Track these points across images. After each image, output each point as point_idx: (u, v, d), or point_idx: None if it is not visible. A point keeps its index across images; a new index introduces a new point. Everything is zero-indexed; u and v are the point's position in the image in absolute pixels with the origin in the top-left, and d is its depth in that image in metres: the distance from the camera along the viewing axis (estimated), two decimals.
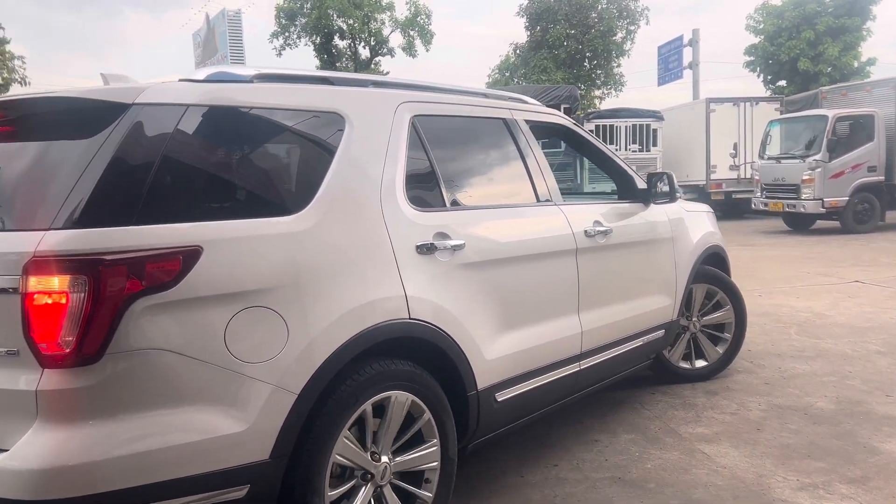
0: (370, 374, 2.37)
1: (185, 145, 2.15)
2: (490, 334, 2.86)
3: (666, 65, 30.85)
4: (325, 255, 2.30)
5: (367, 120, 2.64)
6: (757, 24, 30.70)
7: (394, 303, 2.47)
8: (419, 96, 2.97)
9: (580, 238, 3.42)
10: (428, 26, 28.57)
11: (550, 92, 16.95)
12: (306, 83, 2.61)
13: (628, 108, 19.18)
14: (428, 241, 2.64)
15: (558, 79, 28.76)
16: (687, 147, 19.60)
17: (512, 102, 3.58)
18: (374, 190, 2.54)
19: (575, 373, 3.40)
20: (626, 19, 31.31)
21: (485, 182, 3.39)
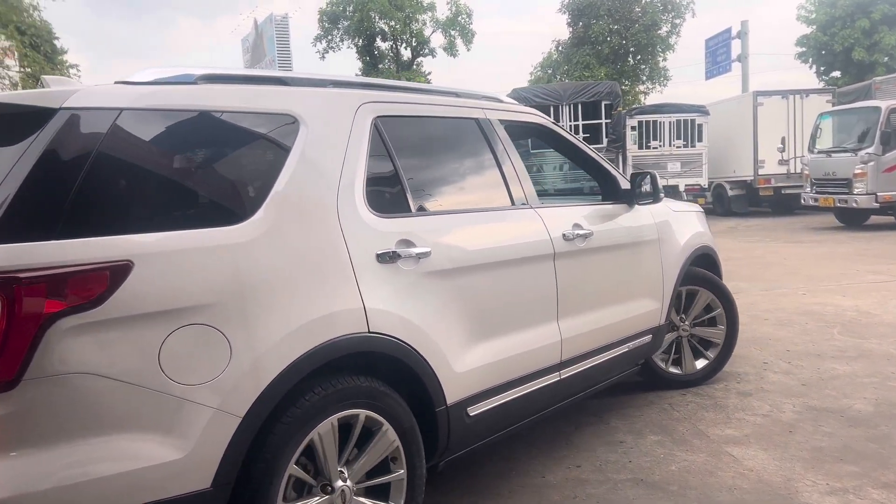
0: (326, 392, 2.24)
1: (117, 152, 2.00)
2: (460, 346, 2.73)
3: (714, 58, 30.18)
4: (273, 267, 2.16)
5: (324, 122, 2.52)
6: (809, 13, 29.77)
7: (351, 316, 2.33)
8: (383, 96, 2.84)
9: (558, 242, 3.27)
10: (469, 26, 28.58)
11: (591, 88, 16.79)
12: (258, 84, 2.49)
13: (672, 103, 18.84)
14: (390, 248, 2.50)
15: (601, 75, 28.41)
16: (734, 142, 19.15)
17: (486, 102, 3.44)
18: (330, 196, 2.41)
19: (555, 383, 3.25)
20: (671, 13, 30.72)
21: (455, 186, 3.24)
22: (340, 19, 28.20)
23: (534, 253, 3.15)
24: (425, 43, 29.04)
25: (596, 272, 3.58)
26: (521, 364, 3.03)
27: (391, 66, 29.52)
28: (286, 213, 2.25)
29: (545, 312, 3.21)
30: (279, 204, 2.24)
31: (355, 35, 28.16)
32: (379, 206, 2.57)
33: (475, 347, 2.80)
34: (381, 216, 2.55)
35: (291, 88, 2.54)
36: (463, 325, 2.75)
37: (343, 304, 2.31)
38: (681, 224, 4.36)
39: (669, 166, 18.13)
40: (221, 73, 2.42)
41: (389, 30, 28.02)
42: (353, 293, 2.36)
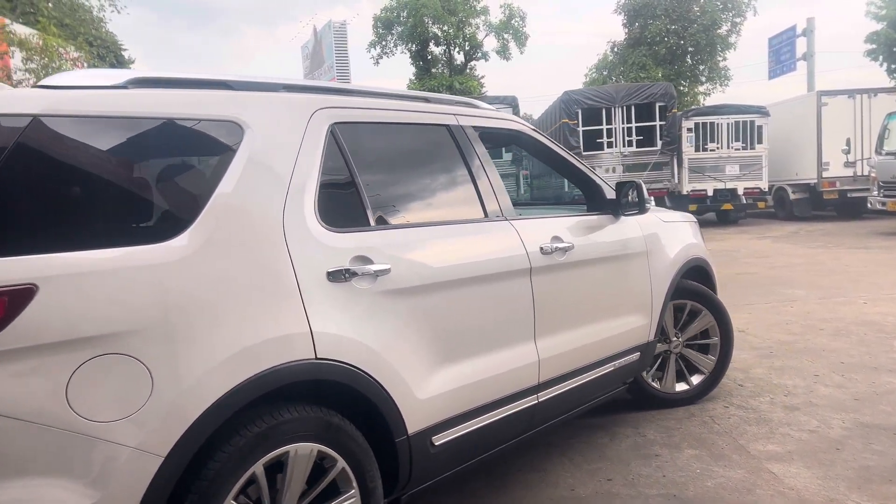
0: (266, 425, 2.06)
1: (26, 163, 1.82)
2: (424, 370, 2.55)
3: (777, 57, 29.20)
4: (205, 289, 1.97)
5: (273, 129, 2.33)
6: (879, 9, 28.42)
7: (295, 341, 2.13)
8: (341, 101, 2.65)
9: (535, 256, 3.07)
10: (522, 29, 28.47)
11: (645, 90, 16.45)
12: (199, 88, 2.27)
13: (730, 104, 18.28)
14: (343, 266, 2.32)
15: (658, 76, 27.85)
16: (796, 144, 18.47)
17: (458, 108, 3.22)
18: (275, 210, 2.22)
19: (532, 406, 3.05)
20: (732, 11, 29.89)
21: (421, 197, 3.01)
22: (395, 25, 28.50)
23: (508, 268, 2.95)
24: (478, 47, 29.05)
25: (578, 287, 3.39)
26: (493, 388, 2.84)
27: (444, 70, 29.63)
28: (223, 230, 2.06)
29: (521, 331, 3.02)
30: (215, 219, 2.06)
31: (409, 40, 28.40)
32: (333, 220, 2.39)
33: (441, 371, 2.61)
34: (336, 231, 2.37)
35: (237, 93, 2.33)
36: (427, 347, 2.57)
37: (286, 328, 2.12)
38: (671, 235, 4.16)
39: (727, 169, 17.61)
40: (156, 76, 2.23)
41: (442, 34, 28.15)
42: (299, 316, 2.16)
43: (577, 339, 3.32)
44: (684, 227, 4.42)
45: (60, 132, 1.91)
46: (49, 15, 15.73)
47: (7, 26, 15.41)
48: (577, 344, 3.33)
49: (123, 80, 2.10)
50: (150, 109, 2.08)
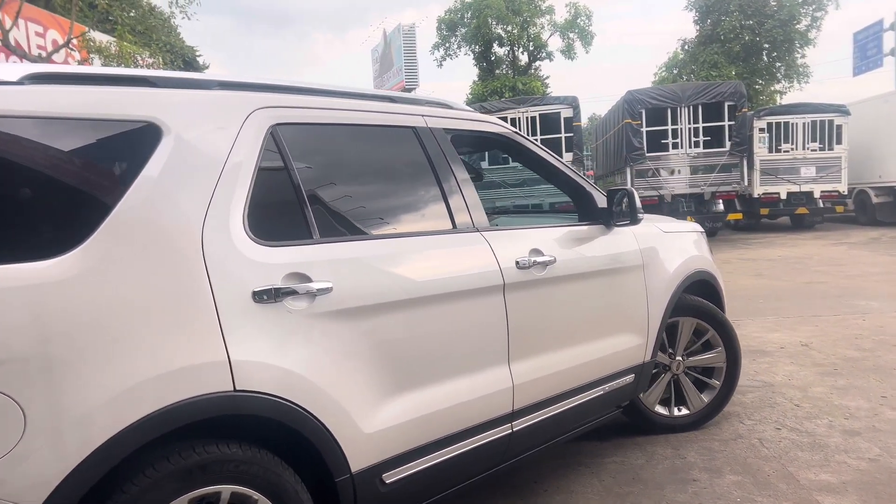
0: (171, 468, 1.82)
1: None
2: (372, 400, 2.29)
3: (863, 52, 27.59)
4: (97, 313, 1.73)
5: (198, 131, 2.09)
6: None
7: (208, 371, 1.89)
8: (286, 101, 2.40)
9: (510, 271, 2.79)
10: (588, 28, 27.93)
11: (713, 88, 15.79)
12: (113, 85, 2.01)
13: (806, 102, 17.36)
14: (273, 284, 2.06)
15: (730, 74, 26.79)
16: (881, 144, 17.40)
17: (429, 108, 2.94)
18: (192, 222, 1.97)
19: (506, 436, 2.78)
20: (812, 5, 28.45)
21: (378, 207, 2.72)
22: (458, 27, 28.46)
23: (476, 285, 2.67)
24: (542, 47, 28.69)
25: (561, 305, 3.09)
26: (457, 418, 2.58)
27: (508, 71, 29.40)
28: (125, 246, 1.83)
29: (492, 354, 2.74)
30: (116, 234, 1.82)
31: (472, 42, 28.31)
32: (268, 233, 2.14)
33: (395, 401, 2.36)
34: (268, 244, 2.12)
35: (157, 91, 2.08)
36: (377, 374, 2.31)
37: (197, 357, 1.88)
38: (672, 248, 3.84)
39: (803, 171, 16.73)
40: (61, 71, 1.98)
41: (506, 35, 27.94)
42: (215, 342, 1.91)
43: (559, 362, 3.05)
44: (687, 238, 4.10)
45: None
46: (123, 22, 16.39)
47: (86, 34, 16.15)
48: (560, 367, 3.04)
49: (19, 75, 1.85)
50: (49, 109, 1.84)
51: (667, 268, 3.72)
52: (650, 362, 3.63)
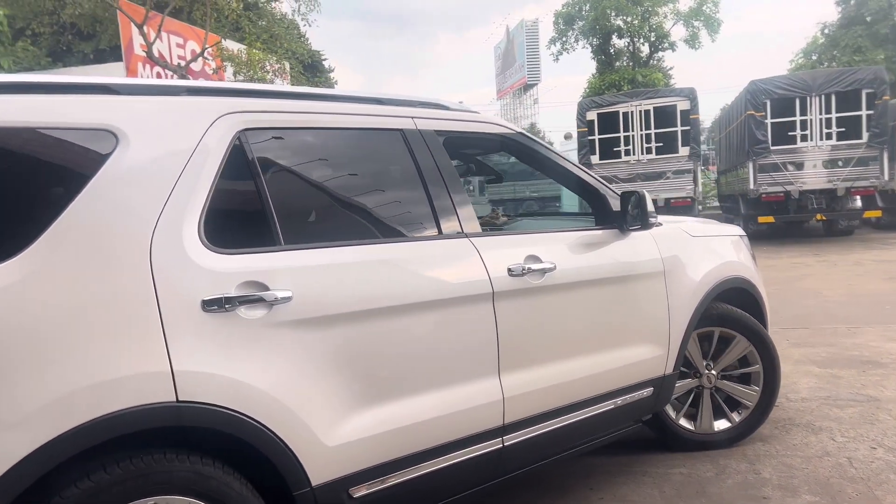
0: (107, 479, 1.80)
1: None
2: (336, 413, 2.22)
3: None
4: (25, 322, 1.74)
5: (156, 137, 2.09)
6: None
7: (148, 381, 1.87)
8: (258, 105, 2.36)
9: (500, 279, 2.66)
10: (715, 14, 26.50)
11: (848, 76, 14.51)
12: (71, 93, 2.03)
13: None
14: (225, 293, 2.02)
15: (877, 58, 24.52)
16: None
17: (419, 110, 2.84)
18: (142, 229, 1.96)
19: (496, 451, 2.66)
20: None
21: (354, 212, 2.64)
22: (576, 20, 27.92)
23: (459, 293, 2.56)
24: (665, 37, 27.56)
25: (562, 314, 2.94)
26: (437, 430, 2.48)
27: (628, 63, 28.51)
28: (68, 251, 1.84)
29: (479, 365, 2.63)
30: (60, 239, 1.84)
31: (590, 34, 27.68)
32: (226, 240, 2.11)
33: (363, 413, 2.29)
34: (225, 252, 2.09)
35: (116, 98, 2.09)
36: (342, 385, 2.25)
37: (137, 366, 1.86)
38: (700, 253, 3.57)
39: None
40: (19, 80, 2.01)
41: (626, 26, 27.09)
42: (157, 352, 1.90)
43: (560, 374, 2.90)
44: (721, 242, 3.82)
45: None
46: (250, 31, 17.48)
47: (220, 43, 17.37)
48: (561, 379, 2.90)
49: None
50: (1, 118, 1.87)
51: (693, 275, 3.47)
52: (672, 375, 3.41)
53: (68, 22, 16.55)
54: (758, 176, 14.57)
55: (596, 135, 15.14)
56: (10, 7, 16.18)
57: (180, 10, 17.46)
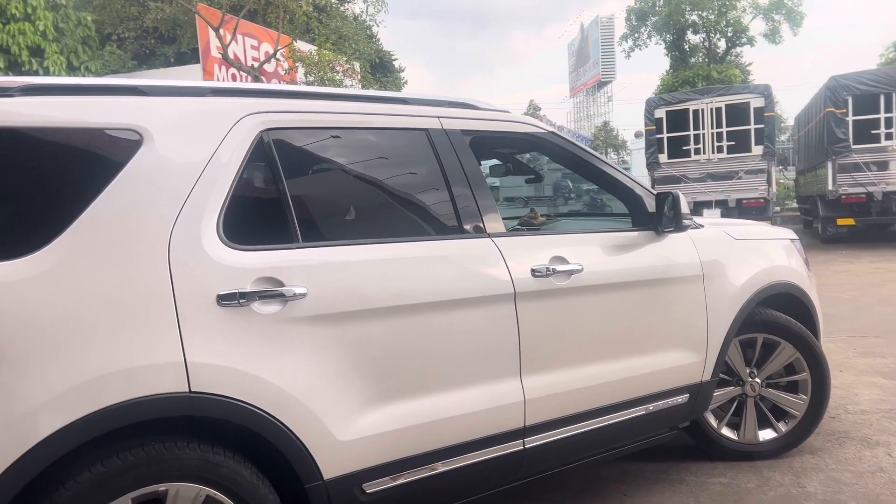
0: (122, 464, 1.89)
1: None
2: (350, 408, 2.26)
3: None
4: (49, 311, 1.84)
5: (180, 136, 2.17)
6: None
7: (161, 372, 1.95)
8: (282, 105, 2.42)
9: (523, 280, 2.64)
10: (797, 7, 25.33)
11: None
12: (102, 95, 2.14)
13: None
14: (241, 288, 2.08)
15: None
16: None
17: (446, 109, 2.83)
18: (161, 227, 2.04)
19: (518, 452, 2.65)
20: None
21: (375, 211, 2.67)
22: (648, 16, 27.26)
23: (478, 293, 2.55)
24: (743, 31, 26.54)
25: (588, 316, 2.89)
26: (455, 430, 2.49)
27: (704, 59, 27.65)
28: (90, 246, 1.93)
29: (499, 366, 2.62)
30: (83, 234, 1.93)
31: (663, 31, 26.96)
32: (244, 237, 2.18)
33: (377, 409, 2.32)
34: (243, 248, 2.15)
35: (143, 100, 2.18)
36: (357, 382, 2.28)
37: (152, 357, 1.94)
38: (744, 256, 3.43)
39: None
40: (53, 83, 2.12)
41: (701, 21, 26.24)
42: (172, 343, 1.97)
43: (586, 377, 2.86)
44: (769, 245, 3.66)
45: None
46: (319, 32, 17.88)
47: (291, 45, 17.84)
48: (587, 382, 2.86)
49: (13, 87, 1.99)
50: (37, 119, 1.98)
51: (734, 279, 3.34)
52: (710, 382, 3.29)
53: (150, 27, 17.33)
54: (837, 176, 13.86)
55: (664, 133, 14.73)
56: (98, 13, 17.12)
57: (255, 13, 18.02)
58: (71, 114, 2.05)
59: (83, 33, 15.15)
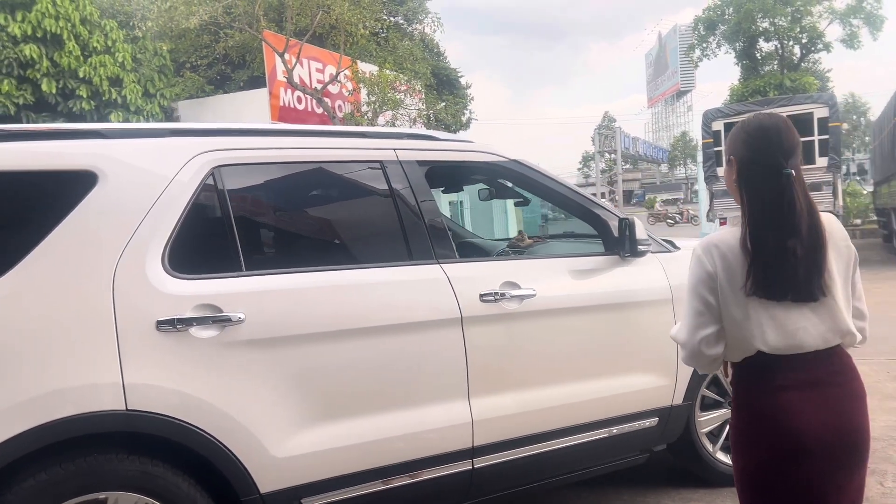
0: (63, 473, 2.09)
1: None
2: (288, 427, 2.41)
3: None
4: (1, 335, 2.08)
5: (133, 175, 2.36)
6: None
7: (99, 391, 2.15)
8: (234, 143, 2.59)
9: (470, 305, 2.76)
10: (878, 11, 24.07)
11: None
12: (64, 139, 2.40)
13: None
14: (179, 314, 2.28)
15: None
16: None
17: (404, 142, 2.98)
18: (108, 257, 2.25)
19: (466, 472, 2.75)
20: None
21: (322, 240, 2.83)
22: (717, 25, 26.51)
23: (423, 318, 2.69)
24: (819, 37, 25.41)
25: (542, 341, 2.97)
26: (398, 449, 2.63)
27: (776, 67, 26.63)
28: (41, 276, 2.16)
29: (446, 388, 2.73)
30: (35, 266, 2.15)
31: (733, 39, 26.15)
32: (188, 267, 2.37)
33: (316, 428, 2.48)
34: (185, 277, 2.35)
35: (100, 142, 2.41)
36: (295, 402, 2.44)
37: (92, 378, 2.15)
38: None
39: None
40: (17, 128, 2.38)
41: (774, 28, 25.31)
42: (111, 365, 2.18)
43: (539, 400, 2.94)
44: None
45: None
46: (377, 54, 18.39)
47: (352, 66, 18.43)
48: (542, 404, 2.95)
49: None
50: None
51: None
52: (683, 406, 3.29)
53: (221, 53, 18.28)
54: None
55: (723, 146, 14.33)
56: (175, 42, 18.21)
57: (320, 37, 18.72)
58: (34, 158, 2.32)
59: (159, 62, 16.14)
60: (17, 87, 13.09)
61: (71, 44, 13.30)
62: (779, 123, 1.83)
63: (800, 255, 1.71)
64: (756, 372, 1.78)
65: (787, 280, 1.71)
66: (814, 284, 1.73)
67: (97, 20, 14.22)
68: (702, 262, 1.81)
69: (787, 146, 1.79)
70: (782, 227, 1.73)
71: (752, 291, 1.72)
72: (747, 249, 1.74)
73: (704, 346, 1.82)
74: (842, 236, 1.87)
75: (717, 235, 1.86)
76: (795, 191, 1.75)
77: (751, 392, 1.80)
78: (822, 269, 1.73)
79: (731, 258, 1.77)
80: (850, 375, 1.79)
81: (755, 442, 1.77)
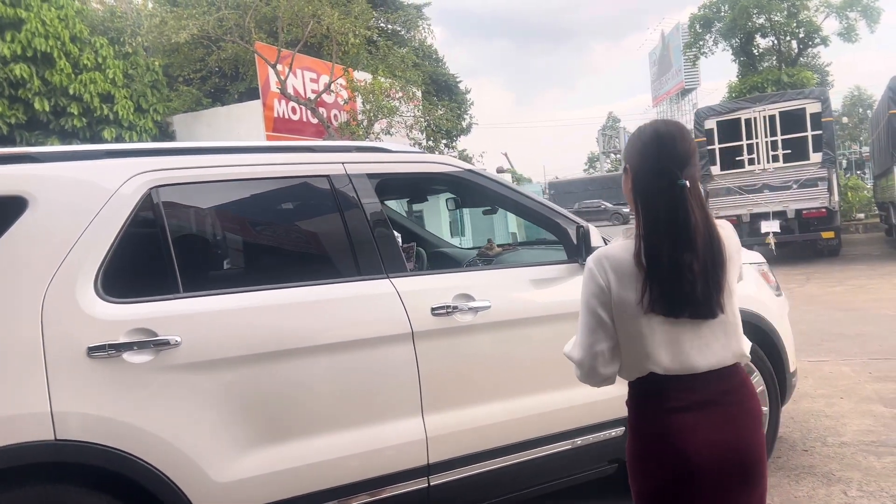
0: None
1: None
2: (228, 451, 2.32)
3: None
4: None
5: (66, 198, 2.29)
6: None
7: (26, 422, 2.06)
8: (172, 163, 2.50)
9: (421, 319, 2.66)
10: (874, 3, 23.90)
11: None
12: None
13: None
14: (112, 340, 2.19)
15: None
16: None
17: (352, 155, 2.87)
18: (37, 283, 2.17)
19: (423, 489, 2.66)
20: None
21: (265, 259, 2.71)
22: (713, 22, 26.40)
23: (371, 334, 2.60)
24: (816, 31, 25.25)
25: (499, 353, 2.87)
26: (349, 469, 2.53)
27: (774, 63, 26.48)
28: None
29: (398, 404, 2.65)
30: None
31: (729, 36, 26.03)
32: (122, 291, 2.29)
33: (260, 451, 2.38)
34: (119, 302, 2.26)
35: (32, 167, 2.33)
36: (235, 426, 2.34)
37: (17, 407, 2.07)
38: None
39: None
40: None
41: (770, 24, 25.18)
42: (39, 394, 2.09)
43: (498, 413, 2.84)
44: None
45: None
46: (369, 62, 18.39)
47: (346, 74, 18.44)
48: (499, 418, 2.83)
49: None
50: None
51: None
52: None
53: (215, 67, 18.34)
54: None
55: (716, 144, 14.24)
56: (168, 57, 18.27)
57: (312, 47, 18.74)
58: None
59: (151, 78, 16.20)
60: (9, 107, 13.18)
61: (62, 62, 13.39)
62: (673, 131, 1.71)
63: (696, 271, 1.62)
64: (648, 393, 1.71)
65: (685, 297, 1.63)
66: (713, 301, 1.65)
67: (87, 37, 14.29)
68: (594, 275, 1.71)
69: (683, 155, 1.67)
70: (677, 241, 1.63)
71: (649, 308, 1.63)
72: (642, 264, 1.65)
73: (600, 364, 1.74)
74: (736, 247, 1.78)
75: (609, 248, 1.74)
76: (690, 203, 1.64)
77: (645, 414, 1.73)
78: (721, 286, 1.66)
79: (624, 273, 1.67)
80: (745, 394, 1.71)
81: (649, 466, 1.70)
